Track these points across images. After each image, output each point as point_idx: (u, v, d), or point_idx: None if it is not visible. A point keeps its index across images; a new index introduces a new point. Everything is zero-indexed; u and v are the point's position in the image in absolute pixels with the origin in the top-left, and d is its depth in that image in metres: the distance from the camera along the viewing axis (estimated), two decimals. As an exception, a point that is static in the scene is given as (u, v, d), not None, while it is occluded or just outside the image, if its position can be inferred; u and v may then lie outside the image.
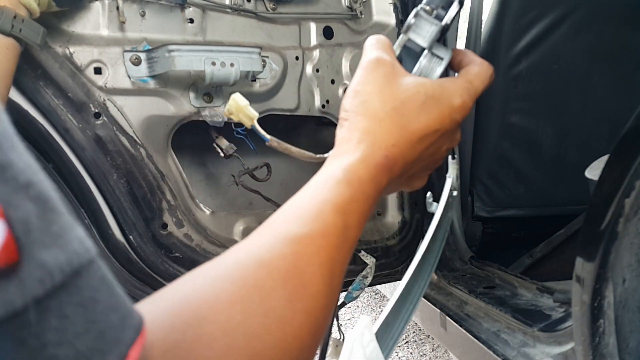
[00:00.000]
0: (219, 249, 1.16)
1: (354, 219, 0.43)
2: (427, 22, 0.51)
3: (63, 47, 0.96)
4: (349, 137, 0.47)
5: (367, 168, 0.45)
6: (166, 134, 1.08)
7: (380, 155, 0.46)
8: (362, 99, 0.48)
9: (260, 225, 0.41)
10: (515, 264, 1.61)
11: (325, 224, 0.40)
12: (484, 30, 1.56)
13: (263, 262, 0.35)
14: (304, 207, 0.41)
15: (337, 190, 0.42)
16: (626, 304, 0.70)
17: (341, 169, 0.44)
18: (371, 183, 0.45)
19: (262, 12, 1.16)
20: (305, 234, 0.38)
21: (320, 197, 0.42)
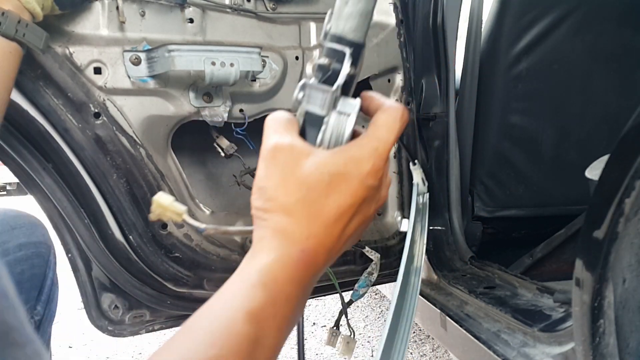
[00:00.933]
0: (219, 249, 1.16)
1: (272, 325, 0.41)
2: (317, 91, 0.49)
3: (63, 47, 0.96)
4: (262, 236, 0.45)
5: (284, 268, 0.43)
6: (166, 134, 1.08)
7: (297, 251, 0.44)
8: (268, 196, 0.46)
9: (163, 345, 0.39)
10: (516, 264, 1.61)
11: (236, 338, 0.38)
12: (484, 30, 1.56)
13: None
14: (216, 318, 0.40)
15: (252, 295, 0.41)
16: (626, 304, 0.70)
17: (256, 270, 0.43)
18: (291, 282, 0.44)
19: (262, 12, 1.16)
20: (215, 355, 0.37)
21: (232, 304, 0.41)
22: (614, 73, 1.63)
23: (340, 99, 0.50)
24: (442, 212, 1.44)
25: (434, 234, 1.46)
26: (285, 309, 0.43)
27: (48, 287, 0.94)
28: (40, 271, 0.91)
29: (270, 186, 0.46)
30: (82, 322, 2.41)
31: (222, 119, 1.11)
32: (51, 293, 0.95)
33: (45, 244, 0.94)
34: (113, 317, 1.17)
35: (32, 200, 1.07)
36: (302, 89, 0.49)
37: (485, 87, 1.55)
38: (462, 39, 1.48)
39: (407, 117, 0.50)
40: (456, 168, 1.44)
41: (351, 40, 0.50)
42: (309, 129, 0.51)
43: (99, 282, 1.15)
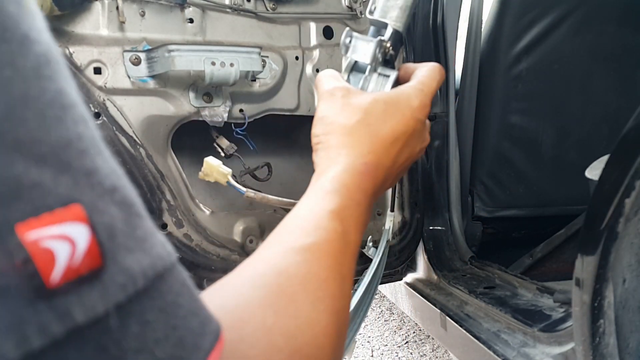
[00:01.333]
0: (219, 249, 1.16)
1: (351, 224, 0.44)
2: (362, 41, 0.54)
3: (63, 47, 0.96)
4: (327, 155, 0.49)
5: (351, 177, 0.47)
6: (166, 134, 1.08)
7: (360, 164, 0.48)
8: (329, 121, 0.51)
9: (266, 240, 0.42)
10: (516, 264, 1.61)
11: (326, 231, 0.41)
12: (484, 30, 1.56)
13: (280, 271, 0.36)
14: (304, 218, 0.43)
15: (329, 199, 0.44)
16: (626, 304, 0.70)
17: (328, 180, 0.46)
18: (358, 190, 0.47)
19: (262, 12, 1.16)
20: (310, 243, 0.40)
21: (316, 208, 0.44)
22: (614, 73, 1.63)
23: (380, 66, 0.56)
24: (442, 212, 1.44)
25: (434, 234, 1.46)
26: (356, 213, 0.46)
27: None
28: None
29: (331, 114, 0.51)
30: (82, 322, 2.41)
31: (222, 119, 1.11)
32: None
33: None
34: (113, 317, 1.17)
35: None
36: (349, 35, 0.54)
37: (485, 87, 1.55)
38: (462, 39, 1.48)
39: (444, 72, 0.56)
40: (456, 168, 1.45)
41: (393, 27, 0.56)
42: (354, 79, 0.56)
43: (99, 282, 1.15)
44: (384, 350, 2.14)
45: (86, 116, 0.21)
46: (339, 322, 0.37)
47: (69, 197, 0.19)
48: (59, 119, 0.19)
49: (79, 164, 0.20)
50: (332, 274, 0.39)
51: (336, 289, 0.39)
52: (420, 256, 1.50)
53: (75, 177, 0.19)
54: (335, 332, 0.36)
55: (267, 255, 0.39)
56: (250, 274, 0.37)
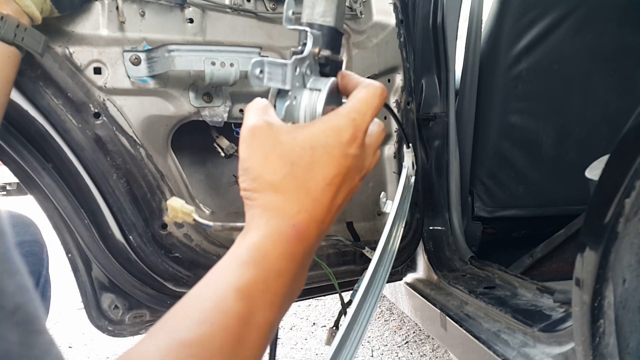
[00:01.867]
0: (219, 249, 1.16)
1: (263, 301, 0.41)
2: (276, 66, 0.48)
3: (63, 47, 0.96)
4: (252, 215, 0.46)
5: (274, 244, 0.44)
6: (166, 134, 1.08)
7: (287, 227, 0.44)
8: (253, 176, 0.46)
9: (157, 323, 0.39)
10: (516, 264, 1.61)
11: (227, 315, 0.38)
12: (484, 30, 1.56)
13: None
14: (205, 297, 0.40)
15: (240, 273, 0.41)
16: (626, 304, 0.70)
17: (246, 249, 0.43)
18: (282, 258, 0.43)
19: (262, 12, 1.16)
20: (202, 334, 0.37)
21: (223, 282, 0.41)
22: (614, 73, 1.63)
23: (312, 77, 0.51)
24: (442, 212, 1.44)
25: (434, 234, 1.46)
26: (277, 285, 0.43)
27: (42, 285, 0.94)
28: (35, 269, 0.92)
29: (254, 165, 0.46)
30: (82, 322, 2.41)
31: (222, 119, 1.11)
32: (44, 291, 0.96)
33: (39, 242, 0.95)
34: (113, 317, 1.17)
35: (32, 200, 1.07)
36: (258, 65, 0.48)
37: (485, 87, 1.55)
38: (462, 39, 1.48)
39: (385, 94, 0.50)
40: (456, 168, 1.45)
41: (321, 24, 0.51)
42: (280, 105, 0.50)
43: (99, 282, 1.15)
44: (384, 350, 2.14)
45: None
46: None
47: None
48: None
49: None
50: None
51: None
52: (420, 256, 1.50)
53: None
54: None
55: (150, 351, 0.36)
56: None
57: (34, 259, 0.92)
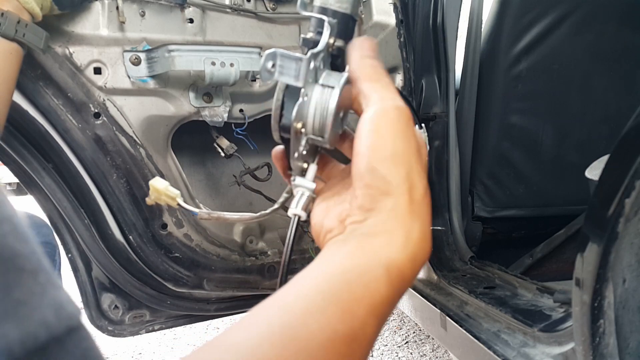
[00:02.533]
0: (219, 249, 1.16)
1: (383, 322, 0.36)
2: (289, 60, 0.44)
3: (63, 47, 0.96)
4: (396, 218, 0.38)
5: (414, 267, 0.37)
6: (166, 134, 1.08)
7: (427, 253, 0.38)
8: (407, 171, 0.38)
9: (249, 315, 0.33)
10: (516, 264, 1.61)
11: (354, 327, 0.33)
12: (484, 30, 1.56)
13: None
14: (330, 304, 0.33)
15: (376, 288, 0.35)
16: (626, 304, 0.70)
17: (383, 265, 0.36)
18: (412, 281, 0.38)
19: (262, 12, 1.16)
20: (331, 337, 0.32)
21: (353, 294, 0.34)
22: (614, 73, 1.63)
23: (324, 72, 0.46)
24: (442, 212, 1.44)
25: (434, 234, 1.46)
26: (394, 307, 0.38)
27: None
28: None
29: (409, 160, 0.39)
30: (82, 322, 2.41)
31: (222, 119, 1.11)
32: None
33: (51, 244, 0.94)
34: (113, 317, 1.17)
35: (32, 200, 1.07)
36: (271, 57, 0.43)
37: (485, 87, 1.55)
38: (462, 39, 1.48)
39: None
40: (456, 168, 1.44)
41: (335, 10, 0.46)
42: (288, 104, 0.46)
43: (99, 282, 1.15)
44: (384, 350, 2.14)
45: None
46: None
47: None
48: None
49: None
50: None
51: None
52: (420, 256, 1.49)
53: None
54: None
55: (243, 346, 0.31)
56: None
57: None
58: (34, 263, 0.19)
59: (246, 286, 1.20)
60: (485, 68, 1.55)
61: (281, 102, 0.47)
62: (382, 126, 0.39)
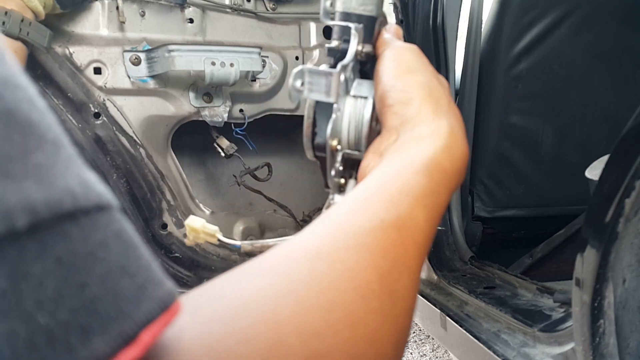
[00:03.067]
0: (219, 249, 1.16)
1: (438, 213, 0.36)
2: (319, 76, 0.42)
3: (63, 47, 0.96)
4: (416, 123, 0.39)
5: (452, 159, 0.38)
6: (166, 134, 1.08)
7: (464, 143, 0.40)
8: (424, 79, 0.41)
9: (314, 220, 0.33)
10: (516, 264, 1.61)
11: (400, 215, 0.32)
12: (484, 30, 1.56)
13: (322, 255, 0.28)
14: (372, 197, 0.33)
15: (416, 181, 0.35)
16: (626, 304, 0.70)
17: (420, 158, 0.36)
18: (456, 176, 0.38)
19: (262, 12, 1.16)
20: (377, 225, 0.31)
21: (393, 190, 0.34)
22: (614, 73, 1.63)
23: (355, 81, 0.44)
24: (442, 212, 1.44)
25: (434, 234, 1.46)
26: (444, 204, 0.37)
27: None
28: None
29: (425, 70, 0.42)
30: (82, 322, 2.41)
31: (222, 119, 1.11)
32: None
33: None
34: (113, 317, 1.17)
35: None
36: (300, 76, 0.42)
37: (485, 87, 1.55)
38: (462, 39, 1.48)
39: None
40: (456, 168, 1.44)
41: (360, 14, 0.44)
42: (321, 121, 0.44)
43: (99, 282, 1.15)
44: (384, 350, 2.14)
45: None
46: (398, 328, 0.29)
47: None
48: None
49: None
50: (405, 266, 0.31)
51: (403, 285, 0.30)
52: (420, 256, 1.49)
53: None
54: (388, 341, 0.28)
55: (308, 237, 0.31)
56: (278, 258, 0.30)
57: None
58: (54, 134, 0.17)
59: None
60: (485, 68, 1.55)
61: (312, 119, 0.45)
62: (397, 55, 0.43)
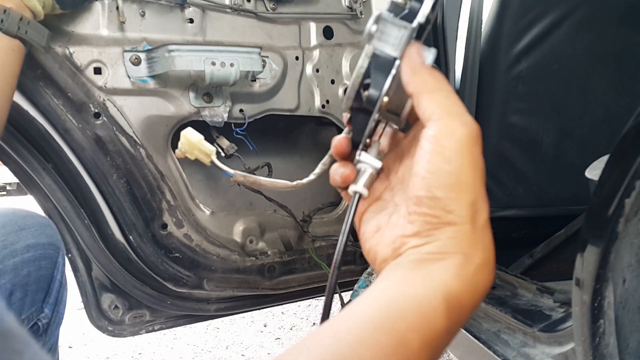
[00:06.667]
0: (219, 249, 1.16)
1: (437, 355, 0.34)
2: (392, 27, 0.40)
3: (63, 47, 0.96)
4: (456, 241, 0.35)
5: (473, 297, 0.35)
6: (166, 134, 1.08)
7: (489, 280, 0.36)
8: (472, 199, 0.36)
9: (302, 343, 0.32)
10: (515, 264, 1.61)
11: (406, 359, 0.31)
12: (484, 30, 1.56)
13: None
14: (382, 332, 0.32)
15: (434, 318, 0.33)
16: (626, 304, 0.70)
17: (441, 295, 0.34)
18: (470, 311, 0.35)
19: (262, 12, 1.16)
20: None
21: (407, 323, 0.32)
22: (614, 73, 1.63)
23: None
24: (442, 212, 1.44)
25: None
26: (453, 337, 0.35)
27: (56, 289, 0.92)
28: (48, 273, 0.90)
29: (475, 187, 0.36)
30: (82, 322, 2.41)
31: (222, 119, 1.11)
32: (59, 295, 0.93)
33: (54, 245, 0.93)
34: (113, 317, 1.17)
35: (32, 200, 1.07)
36: (377, 21, 0.40)
37: (485, 87, 1.55)
38: (462, 39, 1.48)
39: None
40: (456, 168, 1.44)
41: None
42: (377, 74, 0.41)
43: (99, 282, 1.15)
44: (384, 350, 2.14)
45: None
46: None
47: None
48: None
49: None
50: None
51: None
52: (420, 256, 1.49)
53: None
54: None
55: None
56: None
57: (48, 263, 0.90)
58: (22, 342, 0.20)
59: (246, 286, 1.20)
60: (485, 68, 1.55)
61: (366, 69, 0.42)
62: (446, 147, 0.35)
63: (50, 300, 0.90)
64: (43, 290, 0.89)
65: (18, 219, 0.89)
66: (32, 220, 0.91)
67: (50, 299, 0.90)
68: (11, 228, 0.86)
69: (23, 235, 0.86)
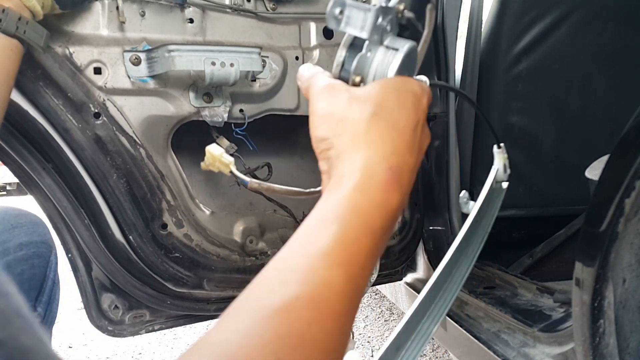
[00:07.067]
0: (219, 249, 1.16)
1: (360, 262, 0.36)
2: (355, 10, 0.43)
3: (63, 47, 0.96)
4: (337, 164, 0.40)
5: (367, 194, 0.38)
6: (166, 134, 1.08)
7: (381, 171, 0.38)
8: (336, 118, 0.41)
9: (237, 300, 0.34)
10: (516, 264, 1.61)
11: (316, 285, 0.33)
12: (484, 30, 1.56)
13: (241, 344, 0.30)
14: (291, 263, 0.34)
15: (331, 235, 0.35)
16: (626, 304, 0.70)
17: (333, 206, 0.37)
18: (377, 211, 0.37)
19: (262, 12, 1.16)
20: (292, 304, 0.31)
21: (311, 250, 0.35)
22: (614, 73, 1.63)
23: (389, 35, 0.46)
24: (442, 212, 1.44)
25: (434, 234, 1.46)
26: (372, 243, 0.37)
27: (49, 287, 0.92)
28: (41, 271, 0.91)
29: (337, 110, 0.41)
30: (82, 322, 2.41)
31: (222, 119, 1.11)
32: (52, 294, 0.94)
33: (47, 243, 0.93)
34: (113, 317, 1.17)
35: (32, 200, 1.07)
36: (340, 4, 0.43)
37: (485, 87, 1.55)
38: (462, 39, 1.48)
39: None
40: (456, 168, 1.44)
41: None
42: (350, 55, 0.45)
43: (99, 282, 1.15)
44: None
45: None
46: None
47: None
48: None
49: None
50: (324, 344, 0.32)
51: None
52: (420, 256, 1.50)
53: None
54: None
55: (230, 330, 0.31)
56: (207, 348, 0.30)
57: (41, 261, 0.90)
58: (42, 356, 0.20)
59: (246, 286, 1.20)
60: (485, 68, 1.55)
61: (343, 57, 0.46)
62: (311, 98, 0.45)
63: (43, 299, 0.90)
64: (36, 289, 0.89)
65: (11, 217, 0.89)
66: (25, 218, 0.91)
67: (43, 298, 0.90)
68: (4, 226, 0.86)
69: (16, 234, 0.86)
